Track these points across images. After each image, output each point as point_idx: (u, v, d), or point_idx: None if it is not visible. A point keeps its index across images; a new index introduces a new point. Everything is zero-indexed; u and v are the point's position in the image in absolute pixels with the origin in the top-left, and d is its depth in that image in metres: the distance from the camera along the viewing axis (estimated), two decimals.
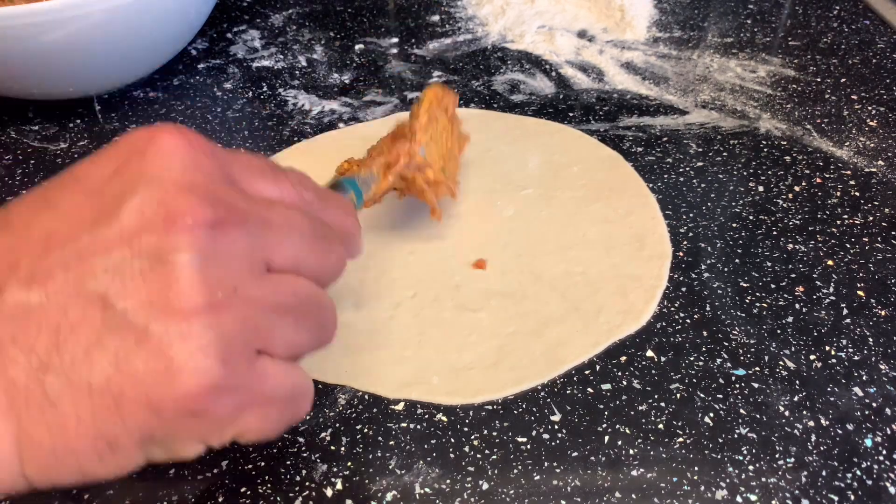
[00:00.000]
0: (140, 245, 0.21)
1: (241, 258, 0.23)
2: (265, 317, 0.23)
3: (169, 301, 0.21)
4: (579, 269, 0.41)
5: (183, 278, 0.21)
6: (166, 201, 0.22)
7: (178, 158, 0.23)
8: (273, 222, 0.25)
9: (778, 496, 0.30)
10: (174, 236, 0.21)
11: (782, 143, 0.50)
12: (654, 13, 0.69)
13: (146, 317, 0.21)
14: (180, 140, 0.23)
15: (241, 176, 0.25)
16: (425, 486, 0.31)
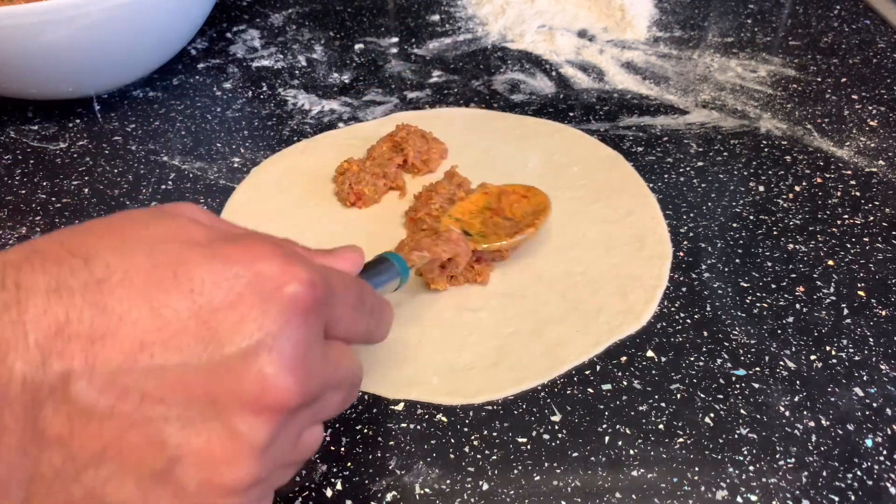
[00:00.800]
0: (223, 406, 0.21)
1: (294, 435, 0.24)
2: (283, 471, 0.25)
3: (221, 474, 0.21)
4: (579, 269, 0.41)
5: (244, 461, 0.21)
6: (266, 375, 0.21)
7: (298, 322, 0.22)
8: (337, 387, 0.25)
9: (778, 496, 0.30)
10: (255, 416, 0.21)
11: (783, 143, 0.50)
12: (655, 13, 0.69)
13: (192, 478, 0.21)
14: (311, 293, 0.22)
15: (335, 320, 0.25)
16: (425, 487, 0.30)
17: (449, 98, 0.58)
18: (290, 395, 0.21)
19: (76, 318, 0.20)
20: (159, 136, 0.55)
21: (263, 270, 0.22)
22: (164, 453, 0.20)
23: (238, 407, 0.21)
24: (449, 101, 0.57)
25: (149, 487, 0.20)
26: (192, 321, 0.21)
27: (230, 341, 0.21)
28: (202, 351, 0.20)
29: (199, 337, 0.21)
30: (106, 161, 0.52)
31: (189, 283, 0.21)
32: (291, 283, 0.22)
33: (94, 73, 0.55)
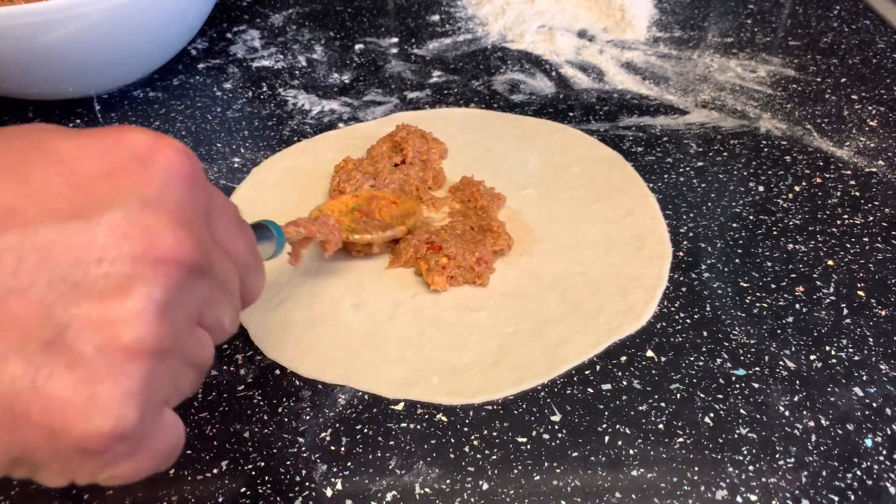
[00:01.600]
0: (111, 264, 0.19)
1: (192, 310, 0.23)
2: (184, 372, 0.23)
3: (120, 334, 0.19)
4: (579, 269, 0.41)
5: (143, 316, 0.20)
6: (154, 228, 0.20)
7: (177, 185, 0.22)
8: (223, 284, 0.24)
9: (778, 496, 0.30)
10: (150, 268, 0.20)
11: (782, 143, 0.50)
12: (655, 13, 0.69)
13: (88, 342, 0.19)
14: (184, 163, 0.22)
15: (216, 215, 0.25)
16: (425, 486, 0.31)
17: (449, 98, 0.58)
18: (181, 248, 0.21)
19: None
20: None
21: (135, 141, 0.22)
22: (51, 320, 0.19)
23: (129, 264, 0.20)
24: (449, 102, 0.57)
25: (39, 361, 0.19)
26: (66, 188, 0.20)
27: (111, 203, 0.20)
28: (80, 213, 0.19)
29: (75, 202, 0.20)
30: None
31: (58, 155, 0.20)
32: (165, 150, 0.22)
33: (95, 73, 0.55)
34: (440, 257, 0.40)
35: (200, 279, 0.22)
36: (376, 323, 0.38)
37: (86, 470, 0.21)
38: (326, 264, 0.42)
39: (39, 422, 0.19)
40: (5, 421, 0.19)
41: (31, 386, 0.19)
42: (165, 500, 0.30)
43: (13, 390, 0.19)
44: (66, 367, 0.19)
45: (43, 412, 0.19)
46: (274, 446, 0.32)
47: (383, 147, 0.49)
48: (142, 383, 0.20)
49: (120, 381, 0.20)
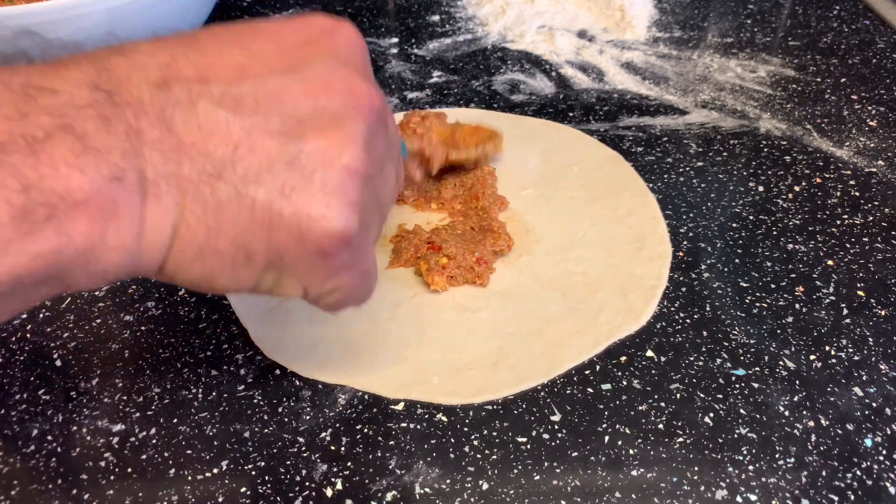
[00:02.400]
0: (324, 104, 0.24)
1: (382, 153, 0.27)
2: (381, 205, 0.28)
3: (340, 155, 0.24)
4: (579, 269, 0.41)
5: (356, 143, 0.24)
6: (351, 80, 0.25)
7: (360, 53, 0.27)
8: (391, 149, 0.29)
9: (778, 496, 0.30)
10: (354, 110, 0.25)
11: (782, 143, 0.50)
12: (654, 13, 0.69)
13: (317, 162, 0.24)
14: (359, 38, 0.28)
15: None
16: (425, 486, 0.31)
17: (449, 98, 0.58)
18: (374, 97, 0.26)
19: (181, 56, 0.23)
20: None
21: (320, 21, 0.27)
22: (289, 146, 0.23)
23: (338, 104, 0.25)
24: (449, 102, 0.57)
25: (284, 176, 0.23)
26: (278, 52, 0.25)
27: (315, 61, 0.25)
28: (293, 69, 0.25)
29: (287, 62, 0.25)
30: None
31: (265, 31, 0.26)
32: (345, 26, 0.28)
33: None
34: (440, 257, 0.40)
35: (383, 127, 0.27)
36: (376, 323, 0.38)
37: (319, 275, 0.26)
38: None
39: (290, 223, 0.24)
40: (265, 222, 0.23)
41: (281, 195, 0.23)
42: (165, 500, 0.30)
43: (268, 199, 0.23)
44: (304, 180, 0.24)
45: (292, 216, 0.23)
46: (274, 446, 0.32)
47: None
48: (359, 196, 0.25)
49: (345, 192, 0.24)
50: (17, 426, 0.34)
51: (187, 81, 0.23)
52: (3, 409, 0.35)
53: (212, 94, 0.23)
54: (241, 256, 0.24)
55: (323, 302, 0.28)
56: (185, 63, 0.23)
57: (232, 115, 0.23)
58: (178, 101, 0.23)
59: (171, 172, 0.22)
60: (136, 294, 0.40)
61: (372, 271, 0.29)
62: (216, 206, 0.23)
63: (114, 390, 0.35)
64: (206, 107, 0.23)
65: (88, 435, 0.33)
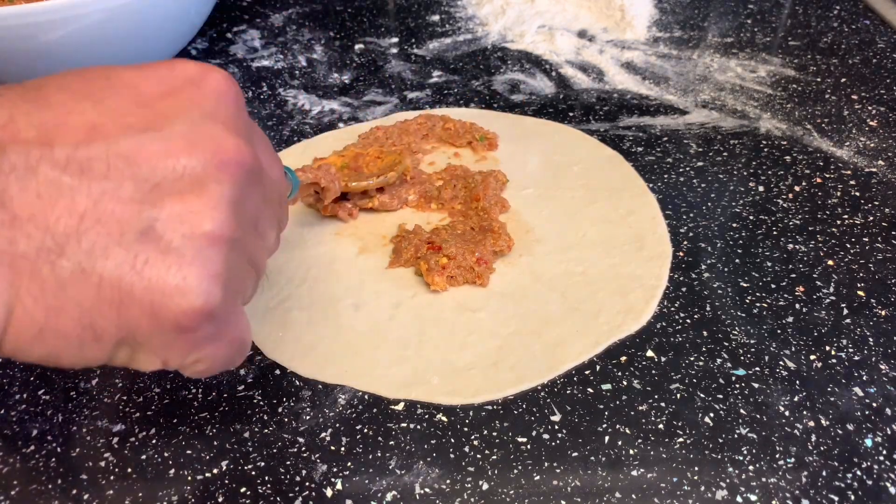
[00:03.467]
0: (184, 166, 0.23)
1: (254, 210, 0.26)
2: (248, 270, 0.27)
3: (200, 222, 0.23)
4: (579, 269, 0.41)
5: (219, 207, 0.23)
6: (217, 136, 0.24)
7: (230, 103, 0.25)
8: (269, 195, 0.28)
9: (778, 496, 0.30)
10: (218, 170, 0.23)
11: (782, 143, 0.50)
12: (654, 13, 0.69)
13: (175, 231, 0.22)
14: (231, 86, 0.26)
15: (257, 141, 0.28)
16: (425, 486, 0.31)
17: (449, 98, 0.58)
18: (241, 152, 0.24)
19: (22, 113, 0.21)
20: None
21: (186, 68, 0.25)
22: (143, 214, 0.22)
23: (201, 165, 0.23)
24: (449, 102, 0.57)
25: (136, 249, 0.22)
26: (136, 107, 0.23)
27: (175, 117, 0.23)
28: (151, 126, 0.23)
29: (146, 119, 0.23)
30: None
31: (122, 82, 0.24)
32: (213, 74, 0.26)
33: None
34: (440, 257, 0.40)
35: (256, 184, 0.26)
36: (376, 323, 0.38)
37: (177, 350, 0.24)
38: (327, 265, 0.42)
39: (142, 300, 0.22)
40: (114, 300, 0.22)
41: (132, 269, 0.22)
42: (165, 500, 0.30)
43: (117, 274, 0.22)
44: (159, 253, 0.22)
45: (144, 291, 0.22)
46: (274, 446, 0.32)
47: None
48: (223, 266, 0.23)
49: (206, 263, 0.23)
50: (17, 426, 0.34)
51: (26, 145, 0.21)
52: (3, 409, 0.35)
53: (55, 159, 0.21)
54: (88, 336, 0.22)
55: (187, 372, 0.26)
56: (26, 123, 0.21)
57: (78, 181, 0.21)
58: (13, 168, 0.20)
59: (2, 250, 0.20)
60: None
61: (244, 337, 0.27)
62: (57, 284, 0.21)
63: (114, 390, 0.35)
64: (48, 173, 0.21)
65: (88, 435, 0.33)
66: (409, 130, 0.51)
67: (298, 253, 0.43)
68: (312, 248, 0.43)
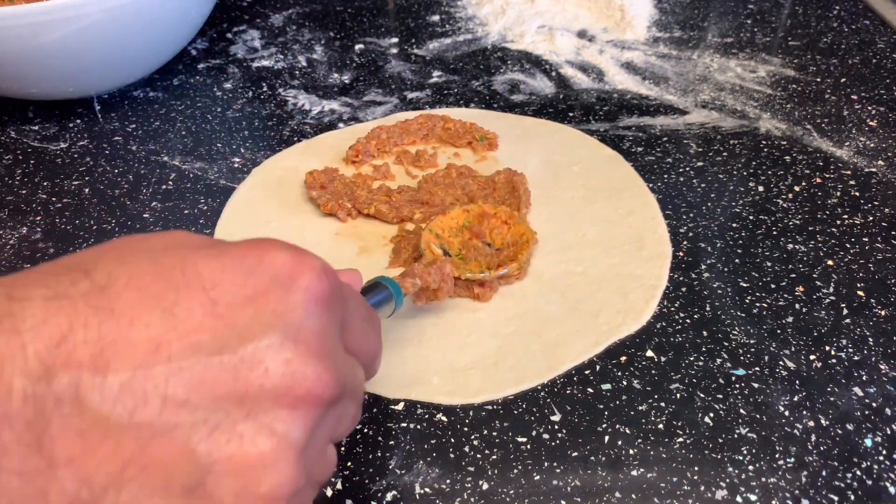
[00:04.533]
0: (253, 403, 0.19)
1: (325, 438, 0.23)
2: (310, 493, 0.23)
3: (259, 482, 0.19)
4: (579, 269, 0.41)
5: (282, 462, 0.20)
6: (295, 364, 0.20)
7: (317, 311, 0.21)
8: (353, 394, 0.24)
9: (778, 496, 0.30)
10: (289, 410, 0.20)
11: (782, 143, 0.50)
12: (654, 13, 0.69)
13: (227, 489, 0.19)
14: (324, 285, 0.22)
15: (349, 324, 0.24)
16: (425, 486, 0.31)
17: (449, 98, 0.58)
18: (321, 385, 0.20)
19: (81, 325, 0.18)
20: (160, 137, 0.55)
21: (276, 262, 0.21)
22: (194, 465, 0.18)
23: (270, 403, 0.19)
24: (449, 102, 0.57)
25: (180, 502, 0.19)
26: (209, 318, 0.19)
27: (252, 335, 0.19)
28: (223, 347, 0.19)
29: (217, 334, 0.19)
30: (106, 161, 0.52)
31: (199, 280, 0.20)
32: (307, 272, 0.21)
33: (95, 73, 0.55)
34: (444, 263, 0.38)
35: (335, 406, 0.22)
36: None
37: None
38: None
39: None
40: None
41: None
42: None
43: None
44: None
45: None
46: None
47: None
48: None
49: None
50: None
51: (78, 369, 0.17)
52: None
53: (106, 389, 0.18)
54: None
55: None
56: (83, 338, 0.18)
57: (128, 417, 0.18)
58: (59, 401, 0.17)
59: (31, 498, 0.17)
60: None
61: None
62: None
63: None
64: (98, 408, 0.17)
65: None
66: (409, 130, 0.51)
67: None
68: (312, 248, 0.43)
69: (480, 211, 0.42)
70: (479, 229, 0.42)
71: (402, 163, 0.50)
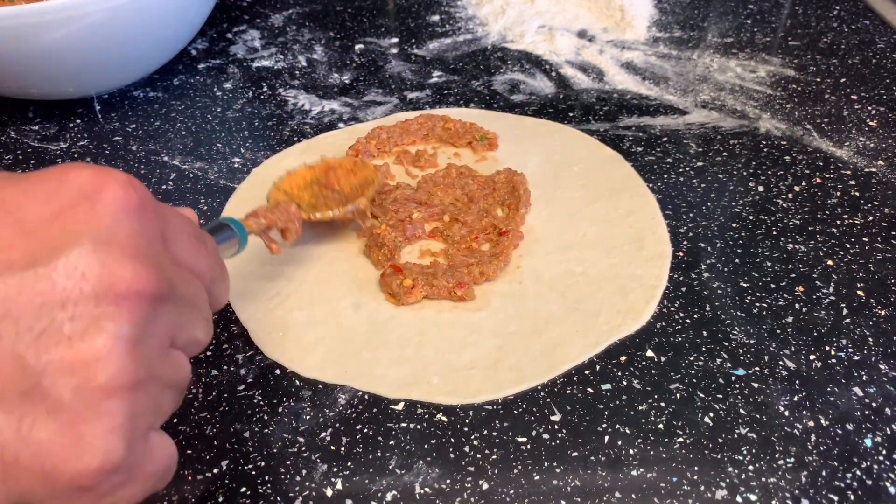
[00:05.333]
0: (75, 306, 0.20)
1: (163, 336, 0.23)
2: (164, 394, 0.23)
3: (94, 374, 0.20)
4: (579, 269, 0.41)
5: (114, 354, 0.20)
6: (111, 265, 0.20)
7: (127, 217, 0.22)
8: (190, 302, 0.25)
9: (778, 496, 0.30)
10: (114, 306, 0.20)
11: (782, 143, 0.50)
12: (654, 13, 0.69)
13: (64, 387, 0.19)
14: (130, 195, 0.22)
15: (172, 237, 0.25)
16: (425, 486, 0.31)
17: (449, 98, 0.58)
18: (140, 280, 0.21)
19: None
20: (160, 137, 0.55)
21: (79, 178, 0.22)
22: (26, 369, 0.19)
23: (93, 304, 0.20)
24: (449, 102, 0.57)
25: (20, 410, 0.19)
26: (18, 237, 0.20)
27: (64, 244, 0.20)
28: (35, 260, 0.20)
29: (29, 250, 0.20)
30: (106, 161, 0.52)
31: (4, 205, 0.20)
32: (111, 184, 0.22)
33: (95, 73, 0.55)
34: (403, 279, 0.39)
35: (165, 305, 0.22)
36: (376, 323, 0.38)
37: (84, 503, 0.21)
38: (327, 265, 0.42)
39: (31, 467, 0.19)
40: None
41: (16, 435, 0.19)
42: (166, 499, 0.30)
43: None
44: (47, 413, 0.19)
45: (32, 457, 0.19)
46: (274, 446, 0.32)
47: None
48: (123, 417, 0.21)
49: (102, 419, 0.20)
50: None
51: None
52: None
53: None
54: None
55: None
56: None
57: None
58: None
59: None
60: None
61: (163, 466, 0.24)
62: None
63: None
64: None
65: None
66: (409, 130, 0.51)
67: (298, 253, 0.43)
68: (313, 248, 0.43)
69: (326, 165, 0.44)
70: (326, 181, 0.43)
71: (402, 163, 0.50)
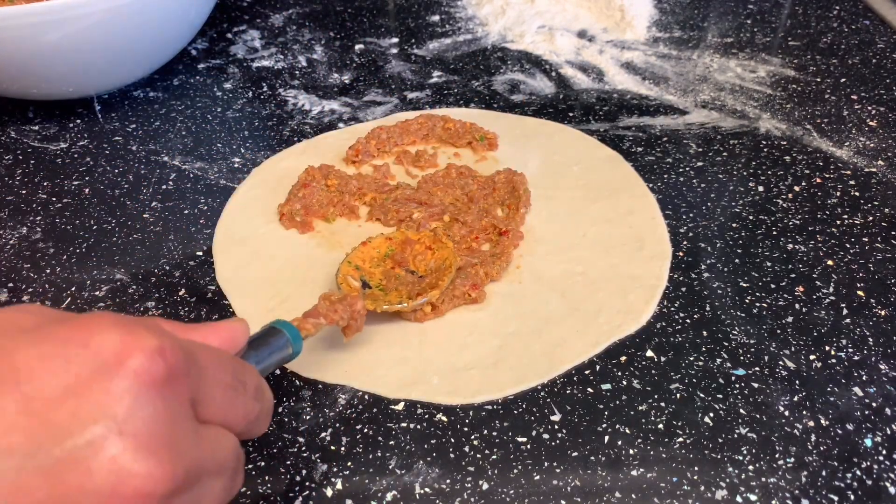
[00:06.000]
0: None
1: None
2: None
3: None
4: (579, 269, 0.41)
5: None
6: (120, 461, 0.18)
7: (149, 395, 0.19)
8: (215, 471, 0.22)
9: (778, 496, 0.30)
10: None
11: (782, 143, 0.50)
12: (654, 13, 0.69)
13: None
14: (158, 367, 0.20)
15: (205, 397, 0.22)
16: (425, 486, 0.31)
17: (449, 98, 0.58)
18: (153, 481, 0.19)
19: None
20: (160, 137, 0.55)
21: (102, 345, 0.19)
22: None
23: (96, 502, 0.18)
24: (449, 102, 0.57)
25: None
26: (23, 417, 0.18)
27: (71, 432, 0.18)
28: (38, 448, 0.18)
29: (32, 433, 0.18)
30: (106, 161, 0.52)
31: (14, 374, 0.18)
32: (135, 355, 0.19)
33: (95, 73, 0.55)
34: (426, 305, 0.38)
35: (182, 494, 0.20)
36: (376, 323, 0.38)
37: None
38: (327, 265, 0.42)
39: None
40: None
41: None
42: None
43: None
44: None
45: None
46: (274, 446, 0.32)
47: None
48: None
49: None
50: None
51: None
52: None
53: None
54: None
55: None
56: None
57: None
58: None
59: None
60: (136, 294, 0.40)
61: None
62: None
63: None
64: None
65: None
66: (409, 130, 0.51)
67: (299, 253, 0.43)
68: (313, 248, 0.43)
69: (403, 238, 0.41)
70: (402, 257, 0.40)
71: (402, 163, 0.50)
